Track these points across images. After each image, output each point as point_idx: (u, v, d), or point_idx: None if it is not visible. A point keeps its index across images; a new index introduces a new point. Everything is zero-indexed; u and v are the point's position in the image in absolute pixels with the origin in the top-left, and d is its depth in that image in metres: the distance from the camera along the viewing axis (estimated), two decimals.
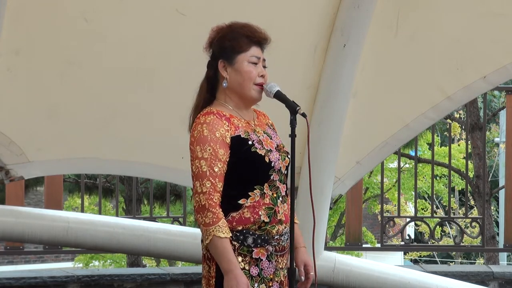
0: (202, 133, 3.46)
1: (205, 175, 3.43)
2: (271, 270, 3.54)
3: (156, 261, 15.39)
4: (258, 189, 3.50)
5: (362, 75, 5.30)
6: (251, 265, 3.49)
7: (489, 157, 20.80)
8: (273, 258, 3.54)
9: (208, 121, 3.48)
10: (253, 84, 3.55)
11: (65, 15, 4.81)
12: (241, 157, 3.49)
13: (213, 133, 3.46)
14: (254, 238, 3.49)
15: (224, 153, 3.46)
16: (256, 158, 3.50)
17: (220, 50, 3.57)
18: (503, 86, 7.82)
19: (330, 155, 5.44)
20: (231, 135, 3.49)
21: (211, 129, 3.47)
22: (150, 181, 7.46)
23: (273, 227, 3.52)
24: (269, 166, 3.51)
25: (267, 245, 3.51)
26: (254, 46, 3.56)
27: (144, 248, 5.78)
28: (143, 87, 5.12)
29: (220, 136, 3.46)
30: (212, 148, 3.45)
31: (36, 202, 17.02)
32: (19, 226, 5.49)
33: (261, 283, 3.51)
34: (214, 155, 3.44)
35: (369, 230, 18.02)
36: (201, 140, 3.46)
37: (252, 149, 3.50)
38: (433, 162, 8.14)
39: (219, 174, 3.44)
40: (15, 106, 5.08)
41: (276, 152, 3.57)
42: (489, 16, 5.27)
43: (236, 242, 3.48)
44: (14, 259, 17.34)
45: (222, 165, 3.45)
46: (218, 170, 3.44)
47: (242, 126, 3.55)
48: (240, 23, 3.59)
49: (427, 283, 5.91)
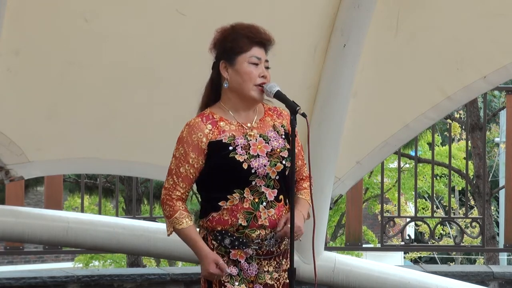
0: (182, 134, 3.57)
1: (171, 173, 3.57)
2: (252, 272, 3.56)
3: (156, 261, 15.39)
4: (238, 193, 3.52)
5: (362, 75, 5.30)
6: (229, 265, 3.54)
7: (489, 157, 20.80)
8: (253, 261, 3.56)
9: (191, 124, 3.57)
10: (253, 85, 3.55)
11: (65, 15, 4.81)
12: (217, 161, 3.52)
13: (190, 136, 3.54)
14: (232, 239, 3.54)
15: (195, 157, 3.54)
16: (233, 163, 3.51)
17: (221, 51, 3.58)
18: (503, 86, 7.83)
19: (330, 155, 5.44)
20: (211, 139, 3.53)
21: (190, 131, 3.55)
22: (150, 181, 7.47)
23: (253, 231, 3.53)
24: (249, 172, 3.51)
25: (245, 248, 3.54)
26: (255, 46, 3.55)
27: (144, 248, 5.78)
28: (143, 87, 5.12)
29: (196, 140, 3.53)
30: (184, 149, 3.54)
31: (36, 202, 17.02)
32: (19, 226, 5.49)
33: (241, 283, 3.55)
34: (184, 156, 3.54)
35: (369, 230, 18.03)
36: (179, 140, 3.58)
37: (231, 155, 3.51)
38: (433, 162, 8.14)
39: (183, 175, 3.55)
40: (15, 106, 5.08)
41: (265, 158, 3.54)
42: (489, 16, 5.27)
43: (215, 241, 3.56)
44: (14, 259, 17.34)
45: (189, 167, 3.54)
46: (184, 171, 3.54)
47: (230, 130, 3.56)
48: (244, 24, 3.60)
49: (427, 283, 5.91)
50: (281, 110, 3.70)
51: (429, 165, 13.42)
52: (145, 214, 11.18)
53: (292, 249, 3.54)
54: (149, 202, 7.99)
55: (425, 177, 15.87)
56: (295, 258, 3.58)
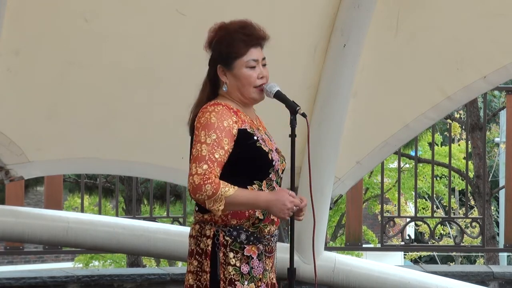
0: (210, 120, 3.44)
1: (203, 159, 3.38)
2: (260, 270, 3.54)
3: (156, 261, 15.39)
4: (257, 184, 3.50)
5: (362, 75, 5.31)
6: (242, 262, 3.49)
7: (489, 157, 20.79)
8: (263, 257, 3.54)
9: (217, 110, 3.46)
10: (253, 88, 3.55)
11: (65, 15, 4.81)
12: (245, 150, 3.47)
13: (220, 122, 3.44)
14: (247, 235, 3.50)
15: (228, 142, 3.43)
16: (260, 153, 3.49)
17: (217, 55, 3.56)
18: (503, 86, 7.82)
19: (330, 155, 5.44)
20: (239, 127, 3.48)
21: (219, 117, 3.45)
22: (150, 181, 7.46)
23: (266, 226, 3.53)
24: (271, 164, 3.51)
25: (258, 244, 3.52)
26: (251, 48, 3.53)
27: (144, 248, 5.78)
28: (143, 87, 5.12)
29: (227, 125, 3.45)
30: (217, 135, 3.42)
31: (36, 202, 17.02)
32: (19, 226, 5.49)
33: (250, 282, 3.50)
34: (218, 142, 3.41)
35: (369, 230, 18.02)
36: (207, 126, 3.43)
37: (257, 144, 3.50)
38: (433, 162, 8.14)
39: (219, 160, 3.40)
40: (15, 106, 5.09)
41: (276, 154, 3.57)
42: (489, 16, 5.27)
43: (229, 237, 3.48)
44: (14, 259, 17.34)
45: (224, 153, 3.41)
46: (219, 157, 3.40)
47: (248, 121, 3.55)
48: (237, 23, 3.57)
49: (427, 283, 5.92)
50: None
51: (429, 165, 13.43)
52: (145, 214, 11.18)
53: (292, 249, 3.55)
54: (149, 202, 7.98)
55: (425, 177, 15.87)
56: (295, 258, 3.58)
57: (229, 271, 3.47)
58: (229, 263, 3.47)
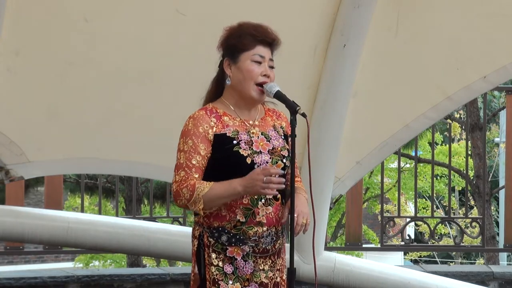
0: (187, 127, 3.54)
1: (181, 166, 3.50)
2: (247, 271, 3.55)
3: (156, 261, 15.38)
4: None
5: (362, 75, 5.30)
6: (225, 263, 3.53)
7: (489, 157, 20.79)
8: (250, 258, 3.55)
9: (195, 117, 3.55)
10: (254, 84, 3.56)
11: (65, 15, 4.81)
12: (222, 154, 3.52)
13: (196, 128, 3.52)
14: (229, 236, 3.53)
15: (205, 148, 3.51)
16: (236, 157, 3.51)
17: (225, 49, 3.60)
18: (503, 86, 7.83)
19: (330, 155, 5.44)
20: (216, 132, 3.52)
21: (196, 123, 3.53)
22: (150, 181, 7.47)
23: (250, 227, 3.53)
24: (251, 167, 3.51)
25: (242, 245, 3.53)
26: (259, 45, 3.56)
27: (144, 248, 5.78)
28: (143, 87, 5.12)
29: (203, 131, 3.52)
30: (193, 141, 3.51)
31: (36, 202, 17.01)
32: (19, 226, 5.49)
33: (235, 282, 3.53)
34: (194, 148, 3.50)
35: (370, 230, 18.02)
36: (184, 133, 3.54)
37: (235, 149, 3.52)
38: (433, 162, 8.14)
39: (196, 166, 3.50)
40: (15, 106, 5.09)
41: (267, 155, 3.56)
42: (489, 16, 5.27)
43: (211, 238, 3.54)
44: (14, 259, 17.33)
45: (201, 159, 3.51)
46: (196, 163, 3.50)
47: (234, 125, 3.56)
48: (251, 23, 3.61)
49: (427, 283, 5.92)
50: (280, 112, 3.72)
51: (429, 165, 13.43)
52: (145, 214, 11.18)
53: (292, 249, 3.54)
54: (149, 202, 7.99)
55: (425, 177, 15.87)
56: (295, 258, 3.58)
57: (212, 271, 3.53)
58: (212, 263, 3.54)
